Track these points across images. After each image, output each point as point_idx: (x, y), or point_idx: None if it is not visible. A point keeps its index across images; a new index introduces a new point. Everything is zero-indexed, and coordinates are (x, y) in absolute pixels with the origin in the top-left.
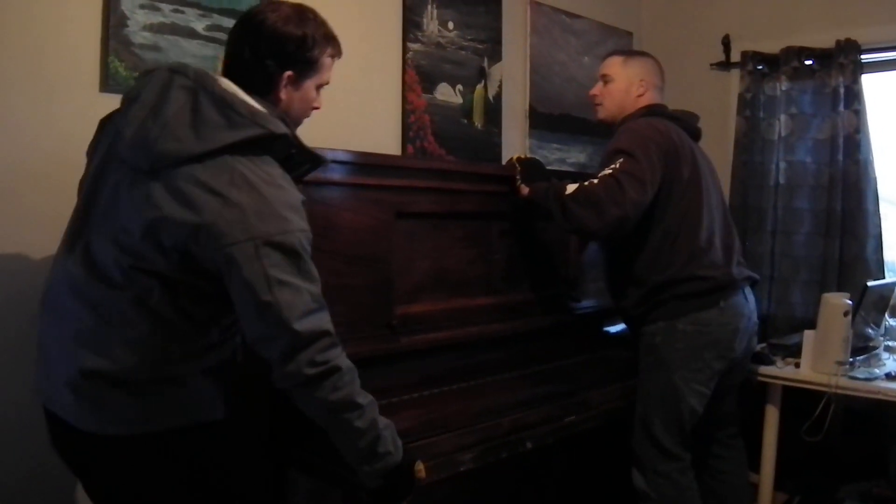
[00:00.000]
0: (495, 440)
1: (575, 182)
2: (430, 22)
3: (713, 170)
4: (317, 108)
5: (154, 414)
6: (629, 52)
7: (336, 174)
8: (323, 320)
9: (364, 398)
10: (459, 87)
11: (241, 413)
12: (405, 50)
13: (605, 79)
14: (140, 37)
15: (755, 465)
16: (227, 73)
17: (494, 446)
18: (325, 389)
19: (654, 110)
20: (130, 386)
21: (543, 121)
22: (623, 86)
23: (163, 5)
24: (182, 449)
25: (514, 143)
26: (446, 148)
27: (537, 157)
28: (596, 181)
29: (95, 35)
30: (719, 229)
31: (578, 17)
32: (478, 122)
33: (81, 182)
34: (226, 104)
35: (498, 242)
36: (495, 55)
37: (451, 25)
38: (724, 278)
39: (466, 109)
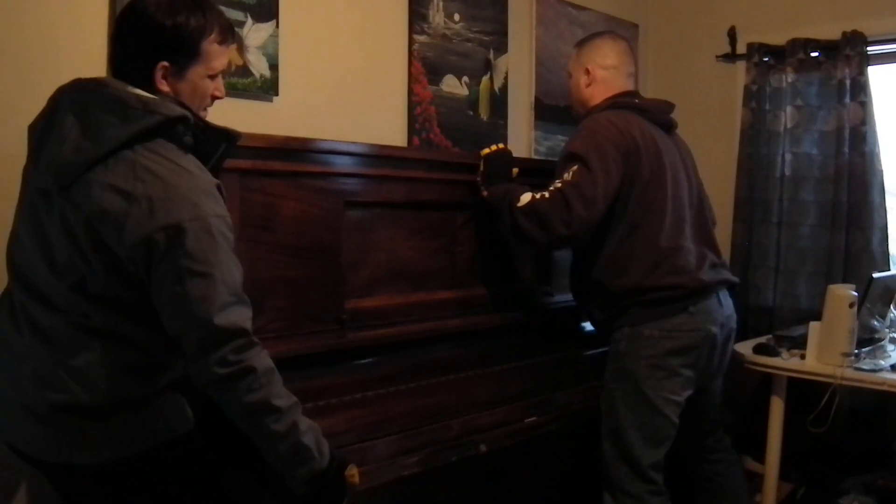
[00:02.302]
0: (444, 443)
1: (529, 191)
2: (437, 14)
3: (689, 164)
4: (218, 97)
5: (120, 439)
6: (583, 40)
7: (277, 162)
8: (240, 316)
9: (284, 401)
10: (465, 78)
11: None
12: (411, 42)
13: (567, 75)
14: None
15: (760, 456)
16: (112, 70)
17: (442, 449)
18: (240, 391)
19: (619, 102)
20: (95, 413)
21: (549, 112)
22: (575, 79)
23: None
24: (156, 469)
25: (520, 134)
26: (452, 140)
27: (507, 148)
28: (547, 195)
29: (103, 29)
30: (692, 228)
31: (584, 9)
32: (483, 114)
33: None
34: (116, 102)
35: (462, 233)
36: (501, 47)
37: (457, 17)
38: (692, 284)
39: (472, 101)
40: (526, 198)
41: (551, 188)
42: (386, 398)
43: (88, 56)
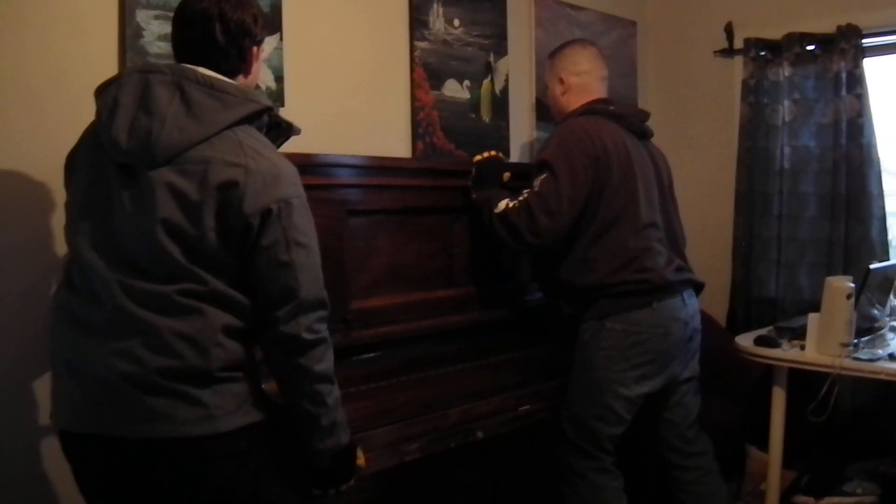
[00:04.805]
0: (443, 430)
1: (507, 198)
2: (437, 20)
3: (663, 173)
4: None
5: (222, 411)
6: (554, 51)
7: None
8: (324, 289)
9: (334, 377)
10: (467, 82)
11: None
12: (412, 49)
13: (545, 87)
14: (156, 46)
15: (764, 445)
16: (195, 60)
17: (442, 436)
18: (313, 358)
19: (594, 108)
20: (205, 378)
21: (550, 113)
22: (551, 89)
23: None
24: (249, 449)
25: (522, 135)
26: (455, 143)
27: (499, 155)
28: (517, 204)
29: (113, 46)
30: (663, 233)
31: (582, 8)
32: (486, 117)
33: (67, 206)
34: (214, 88)
35: (459, 236)
36: (501, 50)
37: (456, 22)
38: (657, 280)
39: (474, 104)
40: (502, 205)
41: (520, 197)
42: (388, 390)
43: (97, 78)
